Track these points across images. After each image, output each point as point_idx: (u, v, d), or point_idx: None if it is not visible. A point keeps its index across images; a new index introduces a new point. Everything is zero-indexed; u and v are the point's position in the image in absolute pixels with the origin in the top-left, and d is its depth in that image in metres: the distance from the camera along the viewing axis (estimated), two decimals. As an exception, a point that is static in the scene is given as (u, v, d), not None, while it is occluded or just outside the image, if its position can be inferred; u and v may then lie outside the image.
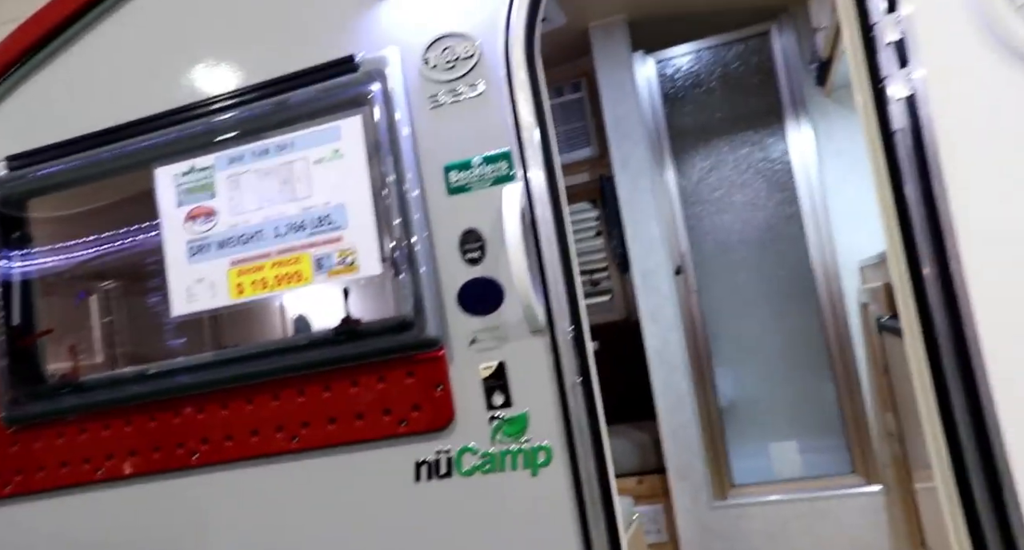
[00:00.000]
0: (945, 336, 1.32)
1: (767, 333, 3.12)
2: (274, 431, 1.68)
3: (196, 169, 1.76)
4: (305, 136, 1.69)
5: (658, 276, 3.02)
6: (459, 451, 1.59)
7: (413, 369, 1.61)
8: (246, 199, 1.71)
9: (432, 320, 1.58)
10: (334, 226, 1.65)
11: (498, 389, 1.57)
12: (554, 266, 1.55)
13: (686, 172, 3.21)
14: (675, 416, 2.99)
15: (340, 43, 1.70)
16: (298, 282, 1.66)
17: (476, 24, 1.63)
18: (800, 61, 3.06)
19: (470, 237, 1.60)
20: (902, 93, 1.35)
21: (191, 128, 1.77)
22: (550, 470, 1.53)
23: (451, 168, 1.62)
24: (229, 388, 1.71)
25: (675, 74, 3.23)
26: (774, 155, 3.11)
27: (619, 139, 3.06)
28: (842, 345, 2.99)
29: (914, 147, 1.34)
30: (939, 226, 1.32)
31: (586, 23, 3.10)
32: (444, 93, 1.64)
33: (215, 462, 1.73)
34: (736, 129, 3.17)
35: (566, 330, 1.54)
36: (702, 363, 3.13)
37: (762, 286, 3.12)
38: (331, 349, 1.64)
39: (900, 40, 1.35)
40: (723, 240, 3.16)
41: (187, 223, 1.75)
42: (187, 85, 1.83)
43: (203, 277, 1.71)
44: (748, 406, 3.13)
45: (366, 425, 1.63)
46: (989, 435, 1.28)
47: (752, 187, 3.14)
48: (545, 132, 1.58)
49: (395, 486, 1.61)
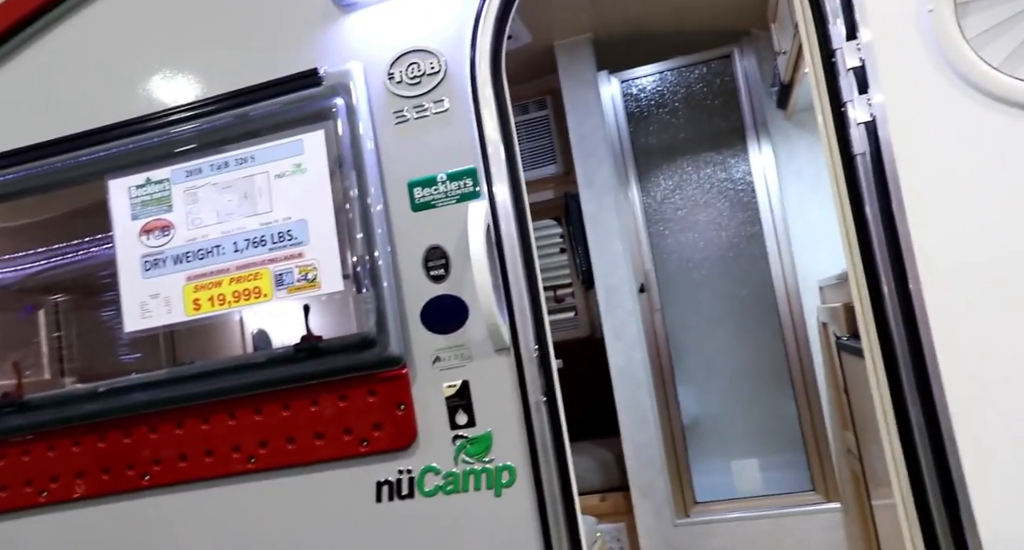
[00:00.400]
0: (904, 355, 1.34)
1: (729, 351, 3.14)
2: (230, 451, 1.64)
3: (152, 182, 1.71)
4: (266, 150, 1.66)
5: (622, 293, 3.03)
6: (422, 471, 1.56)
7: (375, 388, 1.58)
8: (204, 213, 1.68)
9: (395, 338, 1.56)
10: (295, 241, 1.62)
11: (462, 408, 1.55)
12: (519, 284, 1.55)
13: (650, 191, 3.24)
14: (638, 433, 2.99)
15: (304, 56, 1.69)
16: (257, 298, 1.62)
17: (442, 40, 1.62)
18: (762, 84, 3.11)
19: (434, 254, 1.59)
20: (862, 117, 1.38)
21: (148, 139, 1.72)
22: (514, 490, 1.51)
23: (415, 184, 1.61)
24: (184, 407, 1.66)
25: (639, 94, 3.27)
26: (736, 175, 3.15)
27: (584, 157, 3.08)
28: (803, 363, 3.03)
29: (874, 170, 1.37)
30: (898, 247, 1.34)
31: (552, 41, 3.12)
32: (409, 109, 1.63)
33: (168, 484, 1.67)
34: (699, 149, 3.21)
35: (531, 348, 1.53)
36: (665, 380, 3.14)
37: (724, 304, 3.15)
38: (291, 367, 1.61)
39: (860, 66, 1.38)
40: (686, 258, 3.19)
41: (142, 237, 1.70)
42: (144, 95, 1.78)
43: (158, 292, 1.67)
44: (710, 423, 3.15)
45: (326, 445, 1.60)
46: (946, 453, 1.30)
47: (715, 206, 3.17)
48: (510, 149, 1.58)
49: (356, 507, 1.58)
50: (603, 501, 3.12)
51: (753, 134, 3.12)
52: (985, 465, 1.27)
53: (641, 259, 3.17)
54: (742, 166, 3.14)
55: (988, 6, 1.32)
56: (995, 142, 1.30)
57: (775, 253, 3.06)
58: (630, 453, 2.99)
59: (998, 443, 1.27)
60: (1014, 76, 1.29)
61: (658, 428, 3.01)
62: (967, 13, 1.32)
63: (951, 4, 1.32)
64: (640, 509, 2.98)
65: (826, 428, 2.95)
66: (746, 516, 2.94)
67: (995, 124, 1.30)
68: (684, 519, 2.99)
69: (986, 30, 1.31)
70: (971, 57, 1.31)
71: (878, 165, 1.36)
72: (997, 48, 1.31)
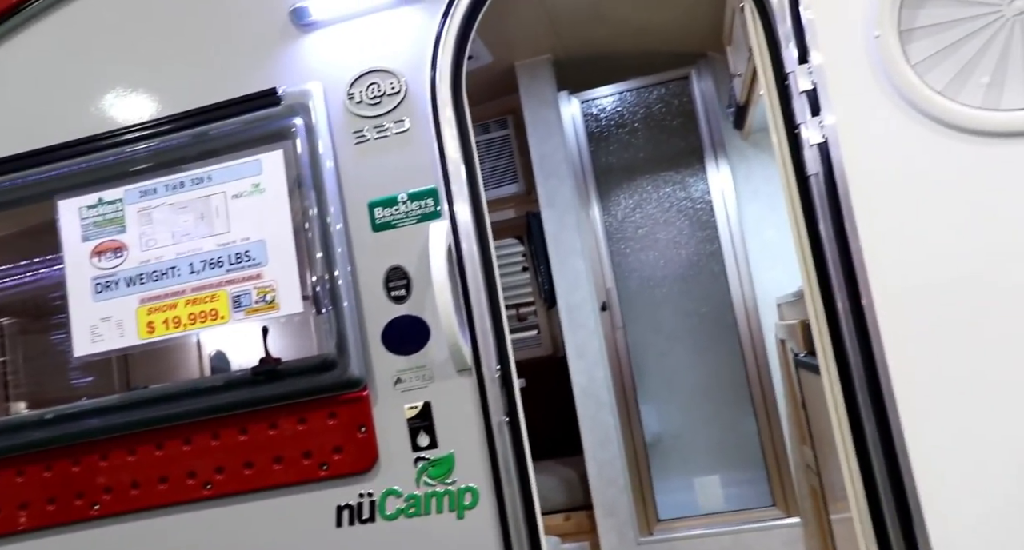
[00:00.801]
0: (858, 371, 1.37)
1: (690, 368, 3.17)
2: (185, 477, 1.59)
3: (104, 202, 1.67)
4: (223, 170, 1.63)
5: (584, 312, 3.04)
6: (383, 494, 1.54)
7: (335, 410, 1.56)
8: (159, 234, 1.64)
9: (355, 359, 1.54)
10: (253, 262, 1.59)
11: (423, 430, 1.53)
12: (481, 304, 1.54)
13: (611, 210, 3.27)
14: (602, 452, 2.99)
15: (263, 75, 1.67)
16: (214, 321, 1.59)
17: (402, 61, 1.62)
18: (719, 105, 3.18)
19: (395, 274, 1.58)
20: (815, 139, 1.41)
21: (100, 159, 1.69)
22: (476, 512, 1.50)
23: (376, 204, 1.60)
24: (137, 432, 1.62)
25: (600, 114, 3.31)
26: (696, 194, 3.20)
27: (545, 176, 3.10)
28: (762, 380, 3.07)
29: (827, 190, 1.40)
30: (852, 265, 1.37)
31: (513, 62, 3.15)
32: (369, 129, 1.62)
33: (119, 513, 1.62)
34: (659, 169, 3.26)
35: (493, 368, 1.52)
36: (628, 398, 3.15)
37: (685, 322, 3.18)
38: (248, 390, 1.58)
39: (812, 89, 1.42)
40: (647, 276, 3.22)
41: (93, 258, 1.66)
42: (96, 113, 1.75)
43: (110, 315, 1.62)
44: (673, 441, 3.17)
45: (285, 469, 1.56)
46: (900, 467, 1.32)
47: (675, 225, 3.22)
48: (471, 169, 1.58)
49: (315, 532, 1.55)
50: (567, 520, 3.11)
51: (711, 154, 3.18)
52: (937, 479, 1.30)
53: (603, 277, 3.20)
54: (701, 185, 3.19)
55: (931, 33, 1.37)
56: (940, 164, 1.35)
57: (734, 271, 3.10)
58: (593, 472, 2.99)
59: (949, 457, 1.30)
60: (955, 100, 1.34)
61: (621, 446, 3.01)
62: (911, 39, 1.37)
63: (896, 31, 1.37)
64: (603, 528, 2.97)
65: (785, 444, 2.99)
66: (708, 533, 2.96)
67: (939, 146, 1.35)
68: (647, 537, 3.00)
69: (929, 56, 1.36)
70: (915, 82, 1.36)
71: (831, 186, 1.40)
72: (940, 73, 1.36)
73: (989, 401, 1.30)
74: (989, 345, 1.31)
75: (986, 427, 1.30)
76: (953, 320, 1.32)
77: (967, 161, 1.34)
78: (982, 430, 1.30)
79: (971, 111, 1.33)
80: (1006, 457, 1.29)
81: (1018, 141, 1.32)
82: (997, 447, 1.29)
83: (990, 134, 1.33)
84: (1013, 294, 1.30)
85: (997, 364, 1.30)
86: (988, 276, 1.32)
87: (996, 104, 1.33)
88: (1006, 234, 1.31)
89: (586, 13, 2.82)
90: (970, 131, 1.33)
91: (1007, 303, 1.30)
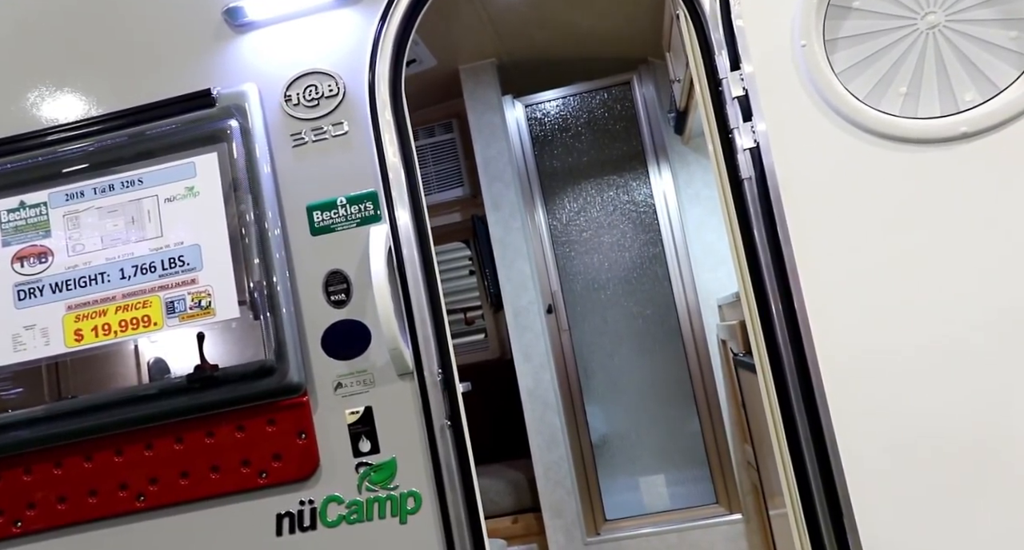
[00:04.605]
0: (791, 371, 1.41)
1: (635, 369, 3.21)
2: (117, 489, 1.55)
3: (27, 206, 1.61)
4: (155, 172, 1.59)
5: (530, 315, 3.05)
6: (324, 501, 1.52)
7: (274, 416, 1.53)
8: (87, 238, 1.59)
9: (294, 365, 1.52)
10: (188, 267, 1.56)
11: (365, 435, 1.52)
12: (421, 308, 1.54)
13: (556, 213, 3.29)
14: (548, 454, 3.01)
15: (196, 76, 1.64)
16: (147, 327, 1.55)
17: (340, 63, 1.61)
18: (660, 110, 3.23)
19: (335, 278, 1.56)
20: (747, 144, 1.45)
21: (21, 161, 1.63)
22: (419, 517, 1.49)
23: (315, 208, 1.58)
24: (64, 444, 1.56)
25: (544, 118, 3.33)
26: (639, 198, 3.24)
27: (490, 180, 3.11)
28: (705, 380, 3.13)
29: (759, 194, 1.44)
30: (783, 267, 1.41)
31: (457, 65, 3.15)
32: (307, 131, 1.60)
33: (43, 529, 1.56)
34: (603, 172, 3.29)
35: (434, 372, 1.52)
36: (574, 400, 3.18)
37: (630, 324, 3.22)
38: (184, 397, 1.54)
39: (744, 95, 1.46)
40: (592, 279, 3.25)
41: (15, 264, 1.60)
42: (18, 113, 1.68)
43: (33, 323, 1.56)
44: (618, 441, 3.20)
45: (222, 478, 1.53)
46: (831, 464, 1.36)
47: (619, 228, 3.25)
48: (411, 173, 1.58)
49: (255, 542, 1.52)
50: (515, 523, 3.12)
51: (653, 158, 3.23)
52: (866, 475, 1.34)
53: (548, 280, 3.21)
54: (644, 189, 3.24)
55: (854, 43, 1.42)
56: (865, 170, 1.40)
57: (676, 273, 3.16)
58: (541, 473, 3.00)
59: (877, 454, 1.35)
60: (876, 108, 1.40)
61: (568, 448, 3.03)
62: (836, 49, 1.42)
63: (821, 40, 1.42)
64: (551, 529, 2.99)
65: (728, 442, 3.05)
66: (653, 531, 3.00)
67: (863, 152, 1.40)
68: (595, 537, 3.02)
69: (853, 65, 1.41)
70: (840, 90, 1.41)
71: (763, 189, 1.43)
72: (863, 82, 1.41)
73: (913, 396, 1.35)
74: (913, 341, 1.36)
75: (910, 420, 1.35)
76: (881, 320, 1.37)
77: (889, 167, 1.39)
78: (907, 423, 1.35)
79: (891, 119, 1.39)
80: (928, 447, 1.34)
81: (932, 148, 1.38)
82: (920, 438, 1.34)
83: (909, 141, 1.38)
84: (934, 293, 1.36)
85: (921, 359, 1.35)
86: (912, 275, 1.37)
87: (913, 112, 1.39)
88: (925, 236, 1.37)
89: (529, 18, 2.84)
90: (891, 138, 1.39)
91: (929, 301, 1.36)
